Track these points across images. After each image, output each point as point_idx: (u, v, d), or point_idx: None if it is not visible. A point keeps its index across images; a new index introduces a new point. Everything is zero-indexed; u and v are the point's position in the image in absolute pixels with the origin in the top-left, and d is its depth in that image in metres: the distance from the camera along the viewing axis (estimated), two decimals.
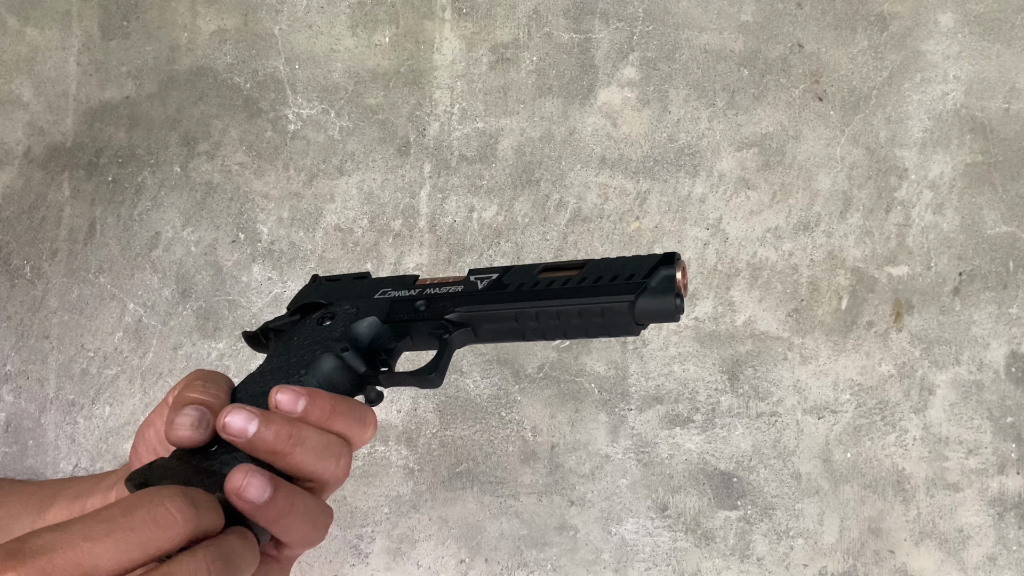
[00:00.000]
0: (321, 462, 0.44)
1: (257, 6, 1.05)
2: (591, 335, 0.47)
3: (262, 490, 0.41)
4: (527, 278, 0.48)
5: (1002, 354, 0.99)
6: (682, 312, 0.45)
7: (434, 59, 1.04)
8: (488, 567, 0.97)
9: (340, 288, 0.53)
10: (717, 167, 1.02)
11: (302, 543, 0.45)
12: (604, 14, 1.04)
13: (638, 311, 0.45)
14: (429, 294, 0.50)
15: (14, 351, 1.01)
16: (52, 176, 1.03)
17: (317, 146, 1.03)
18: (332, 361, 0.48)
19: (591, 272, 0.47)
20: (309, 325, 0.51)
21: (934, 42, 1.03)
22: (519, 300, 0.47)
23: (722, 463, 0.98)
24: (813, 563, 0.97)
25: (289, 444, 0.42)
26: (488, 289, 0.48)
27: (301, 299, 0.55)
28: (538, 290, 0.47)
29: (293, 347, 0.49)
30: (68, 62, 1.05)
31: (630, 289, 0.45)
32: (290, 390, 0.44)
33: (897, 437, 0.98)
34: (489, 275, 0.49)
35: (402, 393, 0.99)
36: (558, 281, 0.47)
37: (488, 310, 0.48)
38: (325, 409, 0.44)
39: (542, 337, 0.48)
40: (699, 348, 0.99)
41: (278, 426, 0.43)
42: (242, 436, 0.42)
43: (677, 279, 0.45)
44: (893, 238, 1.00)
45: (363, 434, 0.46)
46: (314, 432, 0.44)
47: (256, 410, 0.43)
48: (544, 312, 0.47)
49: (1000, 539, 0.97)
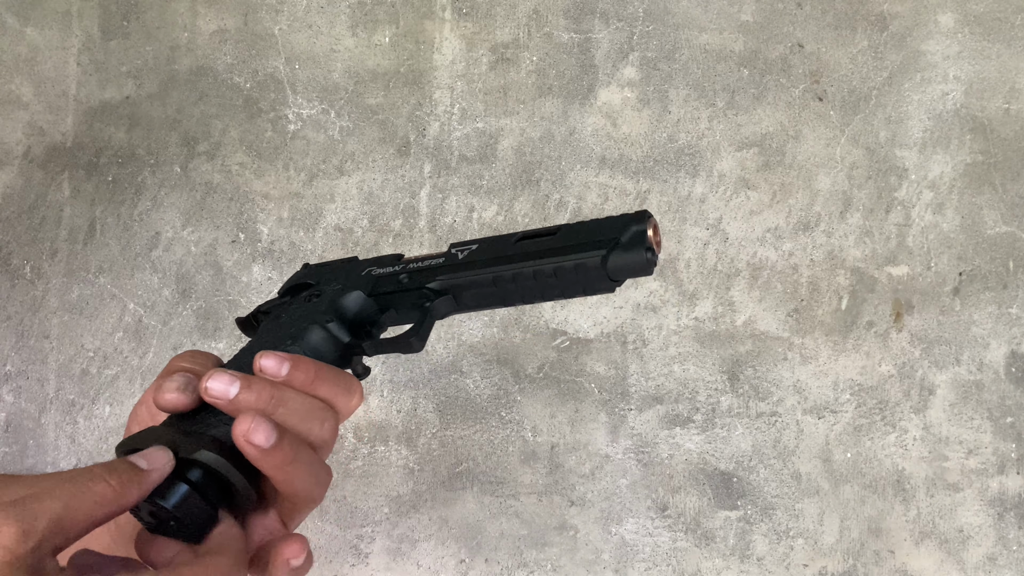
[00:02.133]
0: (304, 424, 0.45)
1: (257, 6, 1.05)
2: (569, 295, 0.49)
3: (268, 435, 0.42)
4: (505, 245, 0.50)
5: (1002, 354, 0.99)
6: (655, 265, 0.48)
7: (434, 59, 1.04)
8: (488, 567, 0.97)
9: (328, 270, 0.56)
10: (717, 167, 1.02)
11: (305, 498, 0.45)
12: (604, 14, 1.04)
13: (611, 266, 0.47)
14: (412, 268, 0.52)
15: (14, 351, 1.01)
16: (52, 176, 1.03)
17: (317, 146, 1.03)
18: (318, 332, 0.49)
19: (565, 234, 0.49)
20: (297, 303, 0.53)
21: (934, 42, 1.03)
22: (497, 265, 0.49)
23: (722, 463, 0.98)
24: (813, 563, 0.97)
25: (271, 405, 0.43)
26: (467, 258, 0.50)
27: (291, 282, 0.57)
28: (515, 254, 0.49)
29: (281, 323, 0.51)
30: (68, 62, 1.05)
31: (602, 246, 0.47)
32: (274, 355, 0.45)
33: (897, 437, 0.98)
34: (469, 246, 0.51)
35: (402, 393, 1.00)
36: (534, 245, 0.49)
37: (467, 276, 0.50)
38: (309, 374, 0.45)
39: (522, 300, 0.50)
40: (699, 348, 0.99)
41: (259, 388, 0.43)
42: (224, 398, 0.43)
43: (648, 234, 0.47)
44: (893, 238, 1.00)
45: (348, 402, 0.47)
46: (296, 395, 0.45)
47: (238, 374, 0.44)
48: (520, 274, 0.49)
49: (1000, 539, 0.97)
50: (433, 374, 0.99)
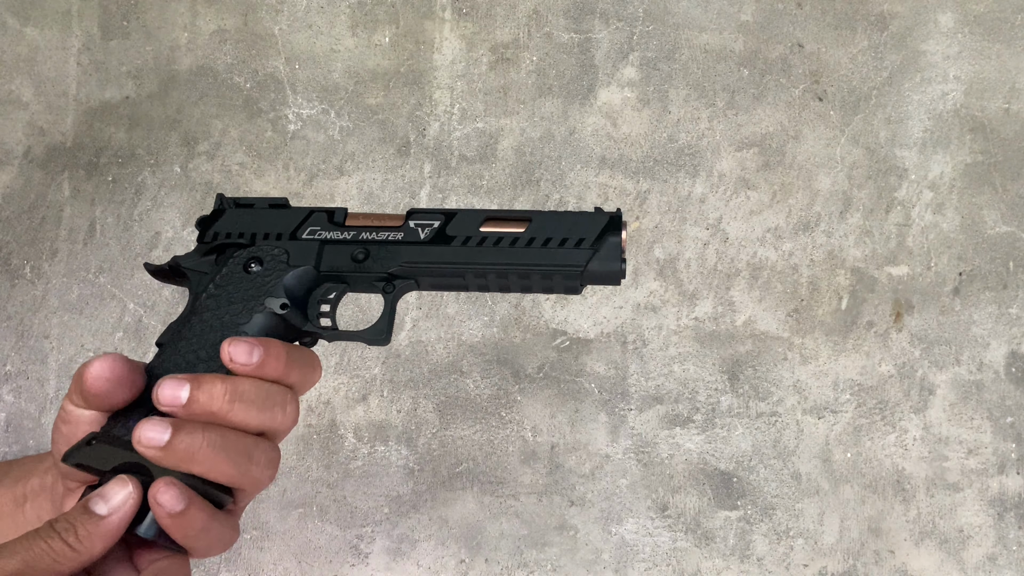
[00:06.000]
0: (265, 413, 0.42)
1: (257, 6, 1.05)
2: (533, 292, 0.48)
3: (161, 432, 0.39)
4: (471, 230, 0.47)
5: (1002, 354, 0.99)
6: (625, 276, 0.47)
7: (434, 59, 1.04)
8: (488, 567, 0.97)
9: (257, 219, 0.49)
10: (717, 167, 1.02)
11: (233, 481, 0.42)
12: (604, 14, 1.04)
13: (586, 276, 0.47)
14: (367, 240, 0.48)
15: (14, 351, 1.01)
16: (52, 176, 1.03)
17: (317, 146, 1.03)
18: (272, 319, 0.46)
19: (538, 231, 0.47)
20: (235, 273, 0.48)
21: (934, 42, 1.03)
22: (466, 257, 0.47)
23: (722, 463, 0.98)
24: (813, 563, 0.97)
25: (227, 403, 0.41)
26: (432, 241, 0.47)
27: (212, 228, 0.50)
28: (486, 248, 0.47)
29: (223, 299, 0.47)
30: (68, 62, 1.05)
31: (579, 257, 0.46)
32: (243, 342, 0.42)
33: (897, 437, 0.98)
34: (430, 221, 0.48)
35: (402, 393, 0.99)
36: (505, 239, 0.47)
37: (433, 265, 0.47)
38: (280, 359, 0.43)
39: (485, 290, 0.49)
40: (699, 348, 0.99)
41: (210, 386, 0.41)
42: (176, 404, 0.40)
43: (624, 245, 0.47)
44: (893, 238, 1.00)
45: (313, 378, 0.45)
46: (254, 384, 0.42)
47: (186, 376, 0.41)
48: (492, 271, 0.47)
49: (1000, 539, 0.97)
50: (433, 374, 0.99)
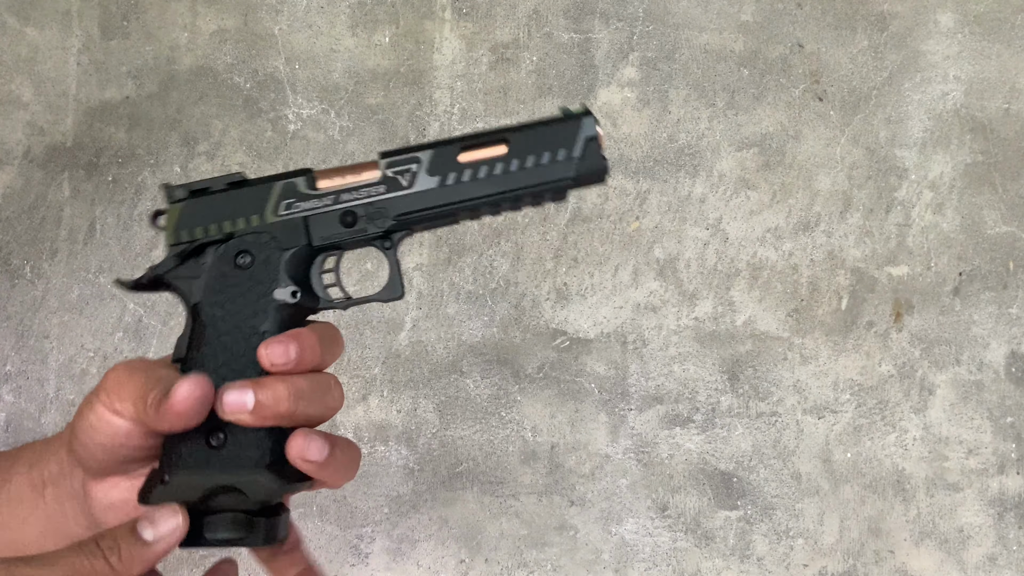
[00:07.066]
0: (322, 401, 0.43)
1: (257, 6, 1.05)
2: (521, 209, 0.49)
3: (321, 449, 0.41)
4: (453, 165, 0.47)
5: (1002, 354, 0.99)
6: (609, 171, 0.48)
7: (434, 59, 1.04)
8: (488, 567, 0.97)
9: (222, 206, 0.47)
10: (717, 167, 1.02)
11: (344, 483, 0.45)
12: (604, 14, 1.04)
13: (575, 184, 0.48)
14: (348, 201, 0.47)
15: (14, 351, 1.01)
16: (52, 176, 1.03)
17: (317, 146, 1.03)
18: (286, 309, 0.45)
19: (519, 151, 0.47)
20: (227, 271, 0.46)
21: (934, 42, 1.03)
22: (456, 195, 0.47)
23: (722, 463, 0.98)
24: (813, 563, 0.97)
25: (292, 401, 0.42)
26: (417, 187, 0.47)
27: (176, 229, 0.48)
28: (474, 182, 0.47)
29: (227, 303, 0.46)
30: (68, 62, 1.05)
31: (566, 169, 0.47)
32: (276, 343, 0.42)
33: (897, 437, 0.98)
34: (407, 166, 0.47)
35: (402, 393, 0.99)
36: (489, 168, 0.47)
37: (425, 211, 0.47)
38: (315, 348, 0.43)
39: (476, 219, 0.49)
40: (699, 348, 0.99)
41: (272, 388, 0.41)
42: (243, 411, 0.41)
43: (601, 139, 0.47)
44: (893, 238, 1.00)
45: (340, 351, 0.46)
46: (303, 379, 0.43)
47: (246, 381, 0.42)
48: (484, 203, 0.47)
49: (1000, 539, 0.97)
50: (433, 374, 0.99)
